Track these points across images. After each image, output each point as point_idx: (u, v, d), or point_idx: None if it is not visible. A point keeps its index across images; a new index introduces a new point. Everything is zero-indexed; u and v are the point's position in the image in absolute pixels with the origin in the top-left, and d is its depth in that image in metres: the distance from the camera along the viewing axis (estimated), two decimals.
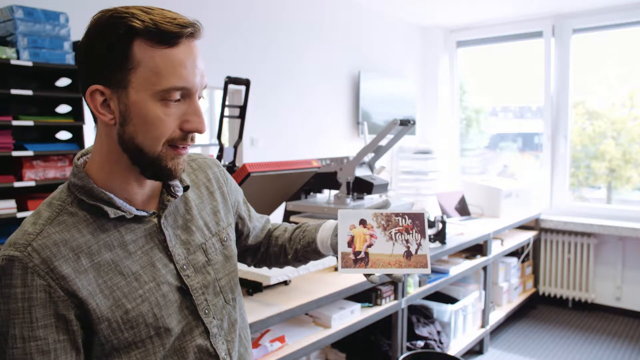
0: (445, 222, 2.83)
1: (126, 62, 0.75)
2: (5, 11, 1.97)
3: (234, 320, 0.97)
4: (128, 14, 0.75)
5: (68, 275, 0.76)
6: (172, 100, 0.78)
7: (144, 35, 0.75)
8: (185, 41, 0.78)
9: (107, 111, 0.78)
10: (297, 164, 2.15)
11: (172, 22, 0.76)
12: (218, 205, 1.00)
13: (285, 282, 2.12)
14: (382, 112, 4.29)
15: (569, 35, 4.26)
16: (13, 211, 1.92)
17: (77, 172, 0.82)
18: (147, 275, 0.83)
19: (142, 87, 0.76)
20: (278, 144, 3.49)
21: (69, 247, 0.77)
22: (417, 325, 2.85)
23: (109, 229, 0.81)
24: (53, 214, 0.80)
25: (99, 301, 0.78)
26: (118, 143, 0.80)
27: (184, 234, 0.90)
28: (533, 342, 3.64)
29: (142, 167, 0.82)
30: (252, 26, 3.29)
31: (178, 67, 0.77)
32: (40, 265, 0.75)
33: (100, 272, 0.79)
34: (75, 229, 0.79)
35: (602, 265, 4.20)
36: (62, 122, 2.14)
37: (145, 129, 0.78)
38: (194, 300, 0.88)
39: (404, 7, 4.22)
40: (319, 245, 1.05)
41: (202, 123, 0.81)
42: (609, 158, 4.30)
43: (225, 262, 0.96)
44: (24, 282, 0.74)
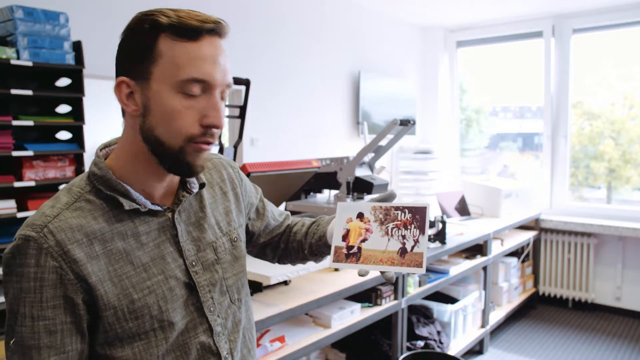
0: (445, 222, 2.83)
1: (150, 55, 0.79)
2: (5, 11, 1.97)
3: (238, 320, 0.97)
4: (157, 12, 0.80)
5: (80, 259, 0.78)
6: (191, 93, 0.80)
7: (168, 29, 0.78)
8: (207, 37, 0.80)
9: (131, 102, 0.81)
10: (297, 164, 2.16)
11: (195, 17, 0.80)
12: (230, 205, 1.02)
13: (285, 282, 2.12)
14: (382, 112, 4.29)
15: (569, 35, 4.26)
16: (13, 211, 1.92)
17: (97, 162, 0.85)
18: (156, 268, 0.85)
19: (163, 78, 0.79)
20: (278, 144, 3.49)
21: (84, 232, 0.79)
22: (417, 325, 2.85)
23: (123, 219, 0.83)
24: (71, 199, 0.82)
25: (107, 288, 0.80)
26: (140, 134, 0.82)
27: (196, 231, 0.92)
28: (533, 342, 3.64)
29: (161, 159, 0.83)
30: (252, 26, 3.29)
31: (197, 60, 0.79)
32: (54, 247, 0.77)
33: (111, 260, 0.81)
34: (91, 215, 0.81)
35: (602, 265, 4.20)
36: (62, 122, 2.13)
37: (165, 121, 0.80)
38: (200, 297, 0.89)
39: (404, 7, 4.22)
40: (329, 238, 1.06)
41: (219, 118, 0.83)
42: (608, 158, 4.30)
43: (233, 262, 0.98)
44: (37, 262, 0.76)
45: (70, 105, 2.21)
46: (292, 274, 1.97)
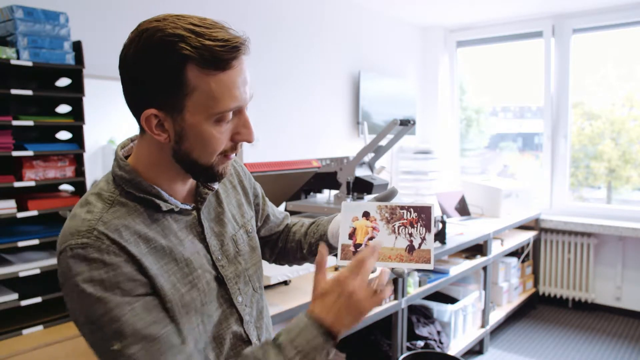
0: (445, 222, 2.83)
1: (181, 89, 0.76)
2: (5, 11, 1.97)
3: (262, 307, 1.02)
4: (177, 37, 0.74)
5: (136, 255, 0.79)
6: (227, 120, 0.81)
7: (198, 62, 0.75)
8: (236, 61, 0.78)
9: (161, 131, 0.80)
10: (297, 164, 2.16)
11: (224, 45, 0.76)
12: (241, 198, 1.05)
13: (285, 282, 2.12)
14: (382, 112, 4.29)
15: (569, 35, 4.25)
16: (13, 211, 1.92)
17: (123, 166, 0.85)
18: (196, 263, 0.87)
19: (198, 110, 0.78)
20: (278, 144, 3.49)
21: (129, 232, 0.80)
22: (417, 325, 2.85)
23: (158, 218, 0.85)
24: (106, 204, 0.81)
25: (162, 283, 0.81)
26: (172, 156, 0.83)
27: (217, 226, 0.95)
28: (533, 342, 3.64)
29: (195, 175, 0.86)
30: (251, 26, 3.28)
31: (232, 90, 0.78)
32: (111, 246, 0.77)
33: (157, 257, 0.82)
34: (130, 217, 0.82)
35: (602, 265, 4.20)
36: (62, 122, 2.13)
37: (201, 146, 0.80)
38: (228, 289, 0.92)
39: (404, 7, 4.22)
40: (330, 237, 1.07)
41: (251, 134, 0.84)
42: (607, 158, 4.30)
43: (251, 253, 1.01)
44: (103, 263, 0.75)
45: (70, 105, 2.21)
46: (292, 274, 1.97)
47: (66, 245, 0.76)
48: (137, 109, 0.80)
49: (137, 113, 0.81)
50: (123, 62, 0.79)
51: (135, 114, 0.81)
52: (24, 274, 1.89)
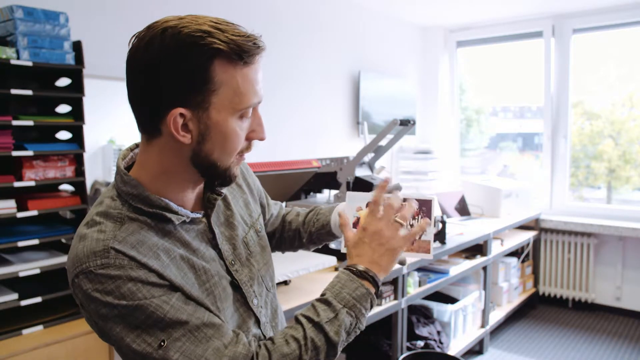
0: (445, 222, 2.83)
1: (208, 84, 0.76)
2: (5, 11, 1.97)
3: (276, 306, 1.02)
4: (205, 33, 0.74)
5: (157, 268, 0.77)
6: (248, 116, 0.81)
7: (226, 56, 0.75)
8: (258, 57, 0.80)
9: (185, 131, 0.78)
10: (297, 164, 2.16)
11: (248, 40, 0.77)
12: (247, 197, 1.04)
13: (285, 282, 2.12)
14: (382, 112, 4.29)
15: (569, 35, 4.25)
16: (13, 211, 1.92)
17: (128, 180, 0.82)
18: (213, 269, 0.86)
19: (225, 107, 0.78)
20: (278, 144, 3.48)
21: (146, 246, 0.78)
22: (417, 325, 2.85)
23: (170, 230, 0.83)
24: (117, 223, 0.79)
25: (188, 290, 0.80)
26: (190, 159, 0.81)
27: (227, 230, 0.94)
28: (533, 342, 3.64)
29: (211, 178, 0.85)
30: (251, 26, 3.25)
31: (255, 85, 0.80)
32: (132, 262, 0.75)
33: (178, 266, 0.81)
34: (143, 231, 0.80)
35: (602, 265, 4.20)
36: (62, 122, 2.13)
37: (224, 145, 0.80)
38: (244, 293, 0.91)
39: (404, 7, 4.22)
40: (333, 227, 1.08)
41: (264, 132, 0.85)
42: (608, 158, 4.30)
43: (262, 252, 1.01)
44: (129, 278, 0.74)
45: (70, 105, 2.21)
46: (292, 274, 1.97)
47: (83, 269, 0.74)
48: (159, 111, 0.77)
49: (158, 116, 0.77)
50: (141, 63, 0.76)
51: (154, 117, 0.78)
52: (23, 274, 1.89)
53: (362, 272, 0.87)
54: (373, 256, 0.88)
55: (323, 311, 0.84)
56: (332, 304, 0.85)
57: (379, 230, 0.89)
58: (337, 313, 0.84)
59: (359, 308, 0.86)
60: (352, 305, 0.85)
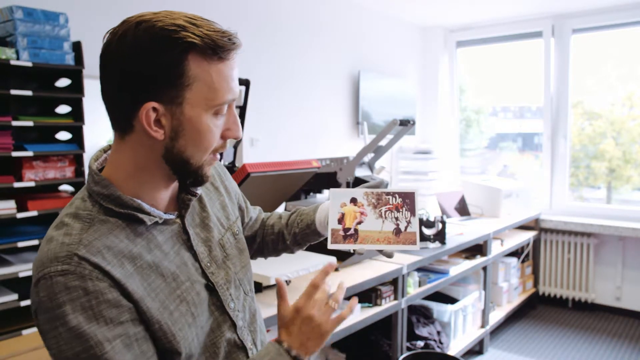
0: (445, 222, 2.83)
1: (182, 79, 0.75)
2: (4, 11, 1.97)
3: (254, 310, 1.00)
4: (179, 27, 0.74)
5: (120, 279, 0.75)
6: (223, 113, 0.80)
7: (200, 50, 0.74)
8: (234, 53, 0.79)
9: (158, 127, 0.77)
10: (297, 164, 2.15)
11: (224, 35, 0.76)
12: (225, 199, 1.03)
13: (285, 282, 2.12)
14: (382, 112, 4.29)
15: (569, 35, 4.26)
16: (13, 211, 1.92)
17: (99, 180, 0.80)
18: (183, 275, 0.84)
19: (198, 102, 0.77)
20: (278, 144, 3.49)
21: (112, 253, 0.76)
22: (417, 326, 2.85)
23: (142, 232, 0.81)
24: (85, 224, 0.77)
25: (149, 304, 0.77)
26: (162, 156, 0.79)
27: (203, 231, 0.92)
28: (533, 342, 3.64)
29: (183, 177, 0.83)
30: (251, 26, 3.29)
31: (230, 81, 0.79)
32: (94, 271, 0.73)
33: (143, 276, 0.78)
34: (112, 235, 0.77)
35: (602, 265, 4.20)
36: (62, 123, 2.13)
37: (197, 142, 0.79)
38: (219, 296, 0.90)
39: (403, 7, 4.22)
40: (318, 226, 1.08)
41: (240, 130, 0.84)
42: (608, 158, 4.30)
43: (240, 255, 0.99)
44: (85, 291, 0.71)
45: (70, 106, 2.21)
46: (292, 274, 1.97)
47: (44, 273, 0.72)
48: (131, 105, 0.76)
49: (130, 111, 0.76)
50: (114, 56, 0.75)
51: (127, 112, 0.77)
52: (23, 274, 1.89)
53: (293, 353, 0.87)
54: (302, 339, 0.89)
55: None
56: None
57: (311, 316, 0.89)
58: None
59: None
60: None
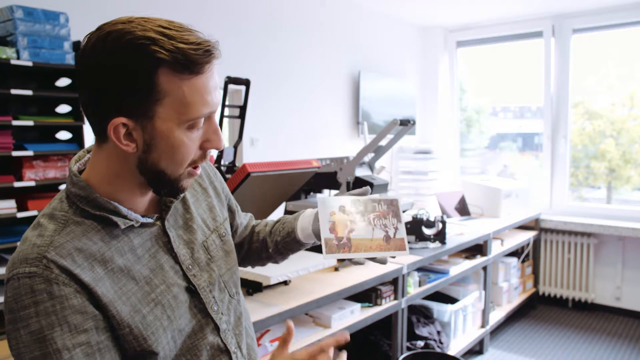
0: (445, 222, 2.83)
1: (151, 94, 0.72)
2: (5, 11, 1.97)
3: (240, 313, 0.98)
4: (148, 40, 0.70)
5: (88, 283, 0.74)
6: (199, 127, 0.78)
7: (171, 65, 0.71)
8: (209, 65, 0.75)
9: (129, 141, 0.75)
10: (297, 164, 2.15)
11: (198, 48, 0.72)
12: (213, 200, 1.01)
13: (285, 282, 2.12)
14: (382, 112, 4.29)
15: (569, 35, 4.26)
16: (13, 211, 1.92)
17: (77, 182, 0.79)
18: (157, 279, 0.83)
19: (170, 117, 0.74)
20: (278, 144, 3.49)
21: (83, 255, 0.75)
22: (417, 325, 2.85)
23: (118, 234, 0.80)
24: (59, 225, 0.76)
25: (119, 307, 0.77)
26: (136, 167, 0.78)
27: (186, 233, 0.90)
28: (533, 342, 3.65)
29: (158, 188, 0.82)
30: (252, 26, 3.29)
31: (205, 95, 0.75)
32: (61, 275, 0.72)
33: (114, 280, 0.77)
34: (85, 237, 0.76)
35: (602, 265, 4.20)
36: (62, 122, 2.13)
37: (170, 155, 0.77)
38: (202, 299, 0.88)
39: (404, 7, 4.22)
40: (299, 233, 1.05)
41: (221, 141, 0.81)
42: (609, 158, 4.30)
43: (226, 257, 0.97)
44: (50, 295, 0.71)
45: (70, 105, 2.21)
46: (291, 274, 1.97)
47: (13, 274, 0.72)
48: (102, 118, 0.74)
49: (101, 123, 0.74)
50: (84, 68, 0.73)
51: (99, 123, 0.75)
52: None
53: None
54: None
55: None
56: None
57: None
58: None
59: None
60: None
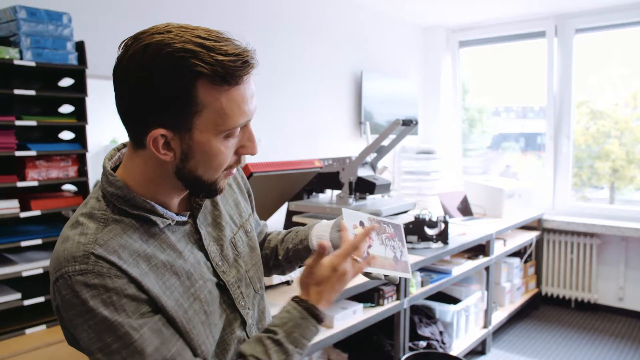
0: (447, 222, 2.83)
1: (191, 106, 0.73)
2: (8, 11, 1.97)
3: (263, 308, 1.01)
4: (188, 53, 0.71)
5: (136, 276, 0.76)
6: (235, 136, 0.79)
7: (210, 78, 0.72)
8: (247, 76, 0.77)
9: (167, 150, 0.77)
10: (299, 164, 2.15)
11: (236, 60, 0.73)
12: (237, 196, 1.03)
13: (287, 282, 2.12)
14: (384, 112, 4.29)
15: (572, 35, 4.25)
16: (16, 211, 1.93)
17: (113, 181, 0.80)
18: (196, 274, 0.85)
19: (207, 128, 0.75)
20: (280, 144, 3.49)
21: (128, 252, 0.77)
22: (420, 326, 2.84)
23: (155, 232, 0.82)
24: (100, 224, 0.78)
25: (164, 302, 0.78)
26: (174, 173, 0.80)
27: (215, 230, 0.92)
28: (535, 343, 3.64)
29: (196, 191, 0.83)
30: (253, 26, 3.29)
31: (242, 105, 0.77)
32: (111, 269, 0.74)
33: (158, 274, 0.79)
34: (126, 235, 0.78)
35: (605, 266, 4.18)
36: (65, 122, 2.14)
37: (208, 163, 0.79)
38: (231, 295, 0.90)
39: (406, 7, 4.22)
40: (314, 241, 1.06)
41: (255, 147, 0.83)
42: (612, 158, 4.29)
43: (251, 253, 0.99)
44: (106, 288, 0.73)
45: (73, 105, 2.21)
46: (294, 274, 1.97)
47: (62, 273, 0.74)
48: (141, 128, 0.76)
49: (140, 132, 0.77)
50: (123, 77, 0.75)
51: (137, 132, 0.77)
52: (26, 273, 1.90)
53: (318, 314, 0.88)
54: (330, 295, 0.90)
55: (275, 353, 0.84)
56: (283, 345, 0.85)
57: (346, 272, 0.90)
58: (289, 356, 0.85)
59: (307, 345, 0.88)
60: (302, 345, 0.87)
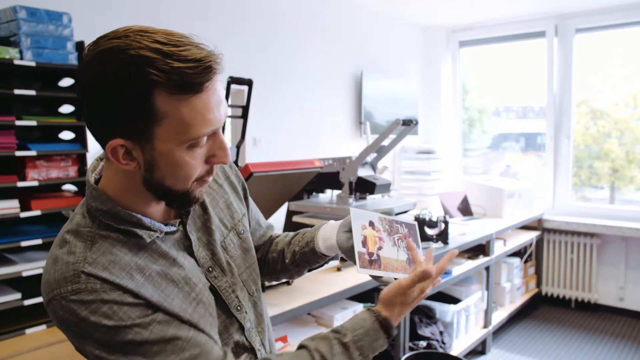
0: (447, 222, 2.83)
1: (148, 116, 0.69)
2: (8, 11, 1.97)
3: (261, 310, 0.98)
4: (142, 60, 0.67)
5: (132, 288, 0.74)
6: (202, 145, 0.75)
7: (167, 87, 0.68)
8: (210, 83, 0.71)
9: (129, 160, 0.73)
10: (299, 164, 2.15)
11: (196, 66, 0.68)
12: (229, 197, 0.99)
13: (287, 282, 2.12)
14: (384, 112, 4.29)
15: (572, 35, 4.24)
16: (16, 211, 1.93)
17: (97, 195, 0.78)
18: (195, 278, 0.83)
19: (169, 138, 0.71)
20: (280, 144, 3.49)
21: (119, 267, 0.74)
22: (420, 326, 2.84)
23: (144, 244, 0.79)
24: (87, 242, 0.75)
25: (168, 306, 0.77)
26: (142, 182, 0.76)
27: (205, 235, 0.90)
28: (536, 343, 3.64)
29: (169, 201, 0.81)
30: (254, 26, 3.29)
31: (205, 114, 0.71)
32: (104, 285, 0.72)
33: (155, 284, 0.77)
34: (115, 249, 0.76)
35: (605, 266, 4.18)
36: (65, 122, 2.14)
37: (175, 174, 0.75)
38: (224, 300, 0.89)
39: (406, 7, 4.22)
40: (320, 243, 1.01)
41: (227, 156, 0.79)
42: (612, 158, 4.29)
43: (244, 256, 0.96)
44: (103, 301, 0.71)
45: (73, 105, 2.21)
46: None
47: (55, 295, 0.72)
48: (101, 138, 0.73)
49: (101, 142, 0.74)
50: (82, 85, 0.71)
51: (101, 141, 0.74)
52: (27, 273, 1.90)
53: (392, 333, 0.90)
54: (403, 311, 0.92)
55: (339, 354, 0.85)
56: (350, 350, 0.86)
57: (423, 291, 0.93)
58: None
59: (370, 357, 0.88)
60: (366, 355, 0.87)
